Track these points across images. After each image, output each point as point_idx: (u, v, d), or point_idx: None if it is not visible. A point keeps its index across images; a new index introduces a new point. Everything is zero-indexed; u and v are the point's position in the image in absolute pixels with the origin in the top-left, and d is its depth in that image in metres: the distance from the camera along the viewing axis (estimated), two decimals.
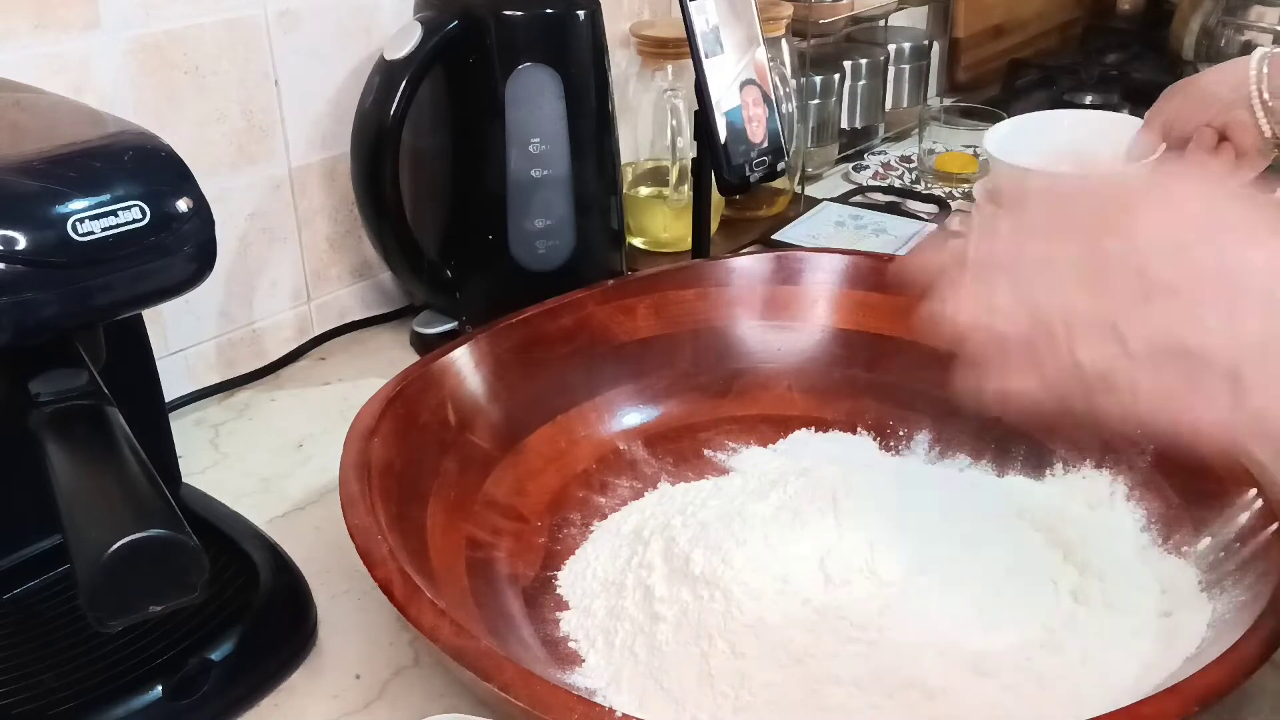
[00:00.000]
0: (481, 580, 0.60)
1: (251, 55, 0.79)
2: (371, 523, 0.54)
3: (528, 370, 0.70)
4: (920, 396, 0.73)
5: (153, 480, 0.46)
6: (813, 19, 1.11)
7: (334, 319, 0.91)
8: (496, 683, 0.46)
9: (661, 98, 1.00)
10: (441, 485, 0.63)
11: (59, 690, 0.53)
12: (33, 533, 0.61)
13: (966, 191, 1.12)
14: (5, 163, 0.48)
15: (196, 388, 0.82)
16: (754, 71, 0.81)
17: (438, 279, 0.85)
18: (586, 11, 0.81)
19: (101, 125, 0.55)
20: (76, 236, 0.47)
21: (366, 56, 0.85)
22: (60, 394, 0.48)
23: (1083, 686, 0.52)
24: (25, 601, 0.60)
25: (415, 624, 0.49)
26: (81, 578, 0.42)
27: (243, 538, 0.63)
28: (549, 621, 0.60)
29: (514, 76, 0.79)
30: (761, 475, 0.67)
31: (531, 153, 0.80)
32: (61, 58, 0.70)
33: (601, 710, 0.45)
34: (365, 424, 0.61)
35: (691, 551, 0.58)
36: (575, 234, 0.83)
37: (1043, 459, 0.68)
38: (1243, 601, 0.53)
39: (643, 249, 1.02)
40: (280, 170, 0.83)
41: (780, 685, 0.52)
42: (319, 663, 0.59)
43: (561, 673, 0.56)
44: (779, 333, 0.77)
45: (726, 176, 0.81)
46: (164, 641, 0.56)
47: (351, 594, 0.63)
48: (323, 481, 0.72)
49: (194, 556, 0.44)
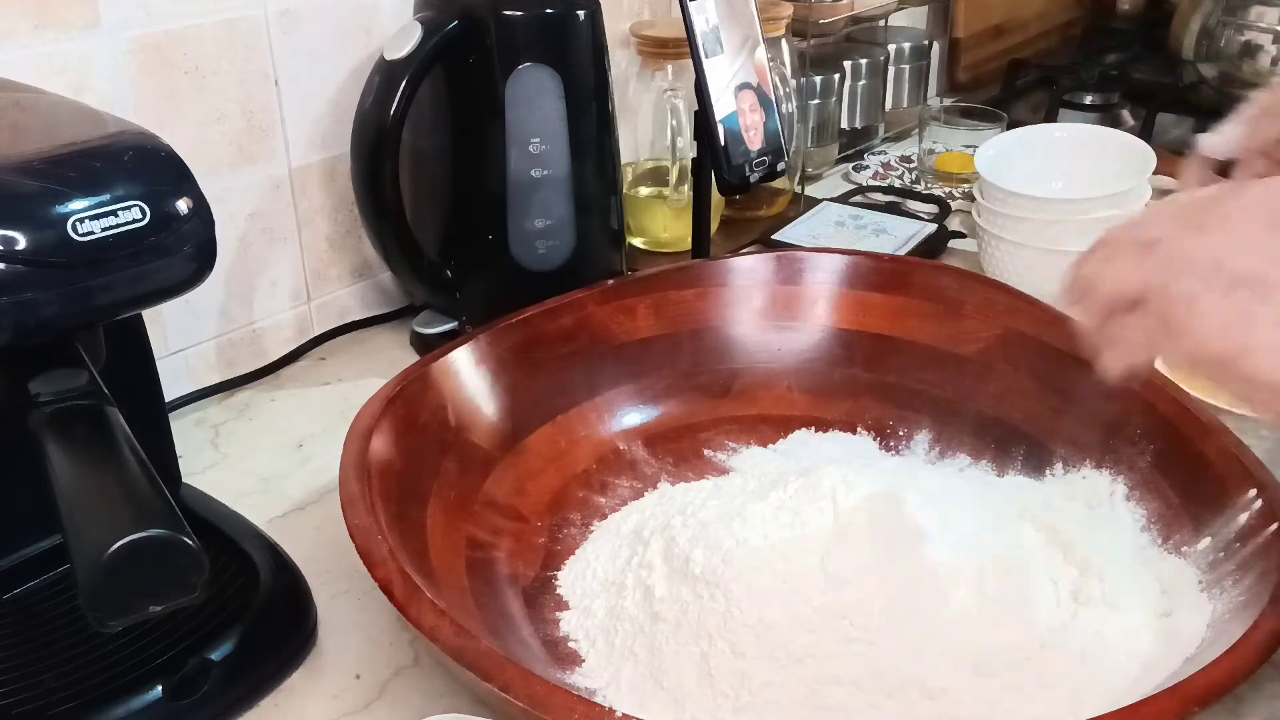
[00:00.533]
0: (481, 580, 0.60)
1: (251, 55, 0.79)
2: (371, 523, 0.54)
3: (528, 370, 0.70)
4: (920, 396, 0.73)
5: (153, 480, 0.46)
6: (813, 19, 1.11)
7: (334, 319, 0.91)
8: (496, 683, 0.46)
9: (661, 98, 1.00)
10: (441, 485, 0.63)
11: (59, 690, 0.53)
12: (33, 533, 0.61)
13: (966, 191, 1.12)
14: (5, 163, 0.48)
15: (196, 388, 0.82)
16: (754, 72, 0.81)
17: (438, 279, 0.85)
18: (586, 11, 0.81)
19: (101, 125, 0.55)
20: (76, 236, 0.47)
21: (366, 56, 0.85)
22: (60, 394, 0.48)
23: (1083, 686, 0.52)
24: (25, 601, 0.60)
25: (415, 624, 0.49)
26: (81, 578, 0.42)
27: (243, 538, 0.63)
28: (549, 621, 0.60)
29: (514, 76, 0.79)
30: (761, 475, 0.67)
31: (531, 153, 0.80)
32: (61, 58, 0.70)
33: (601, 710, 0.45)
34: (365, 424, 0.61)
35: (691, 551, 0.58)
36: (575, 234, 0.83)
37: (1043, 459, 0.68)
38: (1242, 601, 0.53)
39: (643, 249, 1.02)
40: (280, 170, 0.83)
41: (780, 685, 0.52)
42: (319, 663, 0.59)
43: (561, 673, 0.56)
44: (779, 333, 0.77)
45: (726, 177, 0.81)
46: (164, 641, 0.56)
47: (351, 594, 0.63)
48: (323, 481, 0.72)
49: (194, 556, 0.44)
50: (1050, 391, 0.69)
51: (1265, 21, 1.23)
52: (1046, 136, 1.02)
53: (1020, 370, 0.71)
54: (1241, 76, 1.25)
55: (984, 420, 0.71)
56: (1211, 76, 1.28)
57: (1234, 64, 1.25)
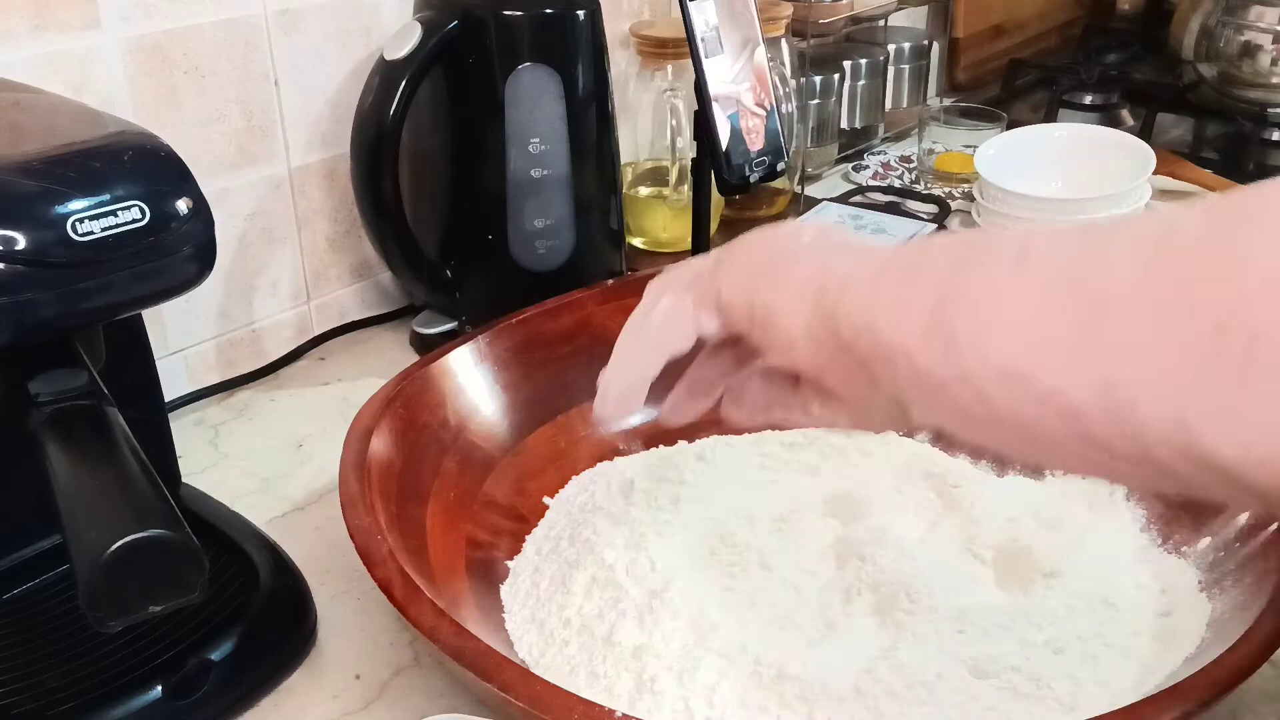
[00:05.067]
0: (481, 580, 0.60)
1: (251, 55, 0.79)
2: (371, 523, 0.54)
3: (528, 370, 0.70)
4: None
5: (153, 480, 0.46)
6: (813, 19, 1.11)
7: (334, 319, 0.91)
8: (496, 683, 0.46)
9: (661, 98, 1.00)
10: (441, 485, 0.63)
11: (59, 690, 0.53)
12: (33, 533, 0.61)
13: (966, 191, 1.12)
14: (5, 163, 0.48)
15: (196, 388, 0.82)
16: (754, 72, 0.81)
17: (438, 279, 0.85)
18: (586, 11, 0.81)
19: (101, 125, 0.55)
20: (76, 236, 0.47)
21: (366, 56, 0.85)
22: (60, 394, 0.48)
23: (1082, 686, 0.52)
24: (25, 601, 0.60)
25: (415, 624, 0.49)
26: (81, 578, 0.42)
27: (242, 538, 0.63)
28: None
29: (514, 76, 0.79)
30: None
31: (531, 153, 0.80)
32: (61, 58, 0.70)
33: (601, 710, 0.45)
34: (365, 424, 0.61)
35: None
36: (575, 234, 0.83)
37: None
38: (1242, 601, 0.53)
39: (643, 249, 1.02)
40: (280, 170, 0.83)
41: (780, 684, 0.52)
42: (319, 663, 0.59)
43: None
44: None
45: (726, 177, 0.81)
46: (164, 641, 0.56)
47: (351, 594, 0.63)
48: (323, 481, 0.72)
49: (194, 557, 0.44)
50: None
51: (1265, 21, 1.23)
52: (1046, 136, 1.02)
53: None
54: (1241, 76, 1.25)
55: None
56: (1211, 76, 1.28)
57: (1234, 64, 1.25)
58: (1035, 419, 0.36)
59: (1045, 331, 0.35)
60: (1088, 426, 0.34)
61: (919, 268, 0.41)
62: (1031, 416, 0.36)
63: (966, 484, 0.65)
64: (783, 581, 0.57)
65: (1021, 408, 0.36)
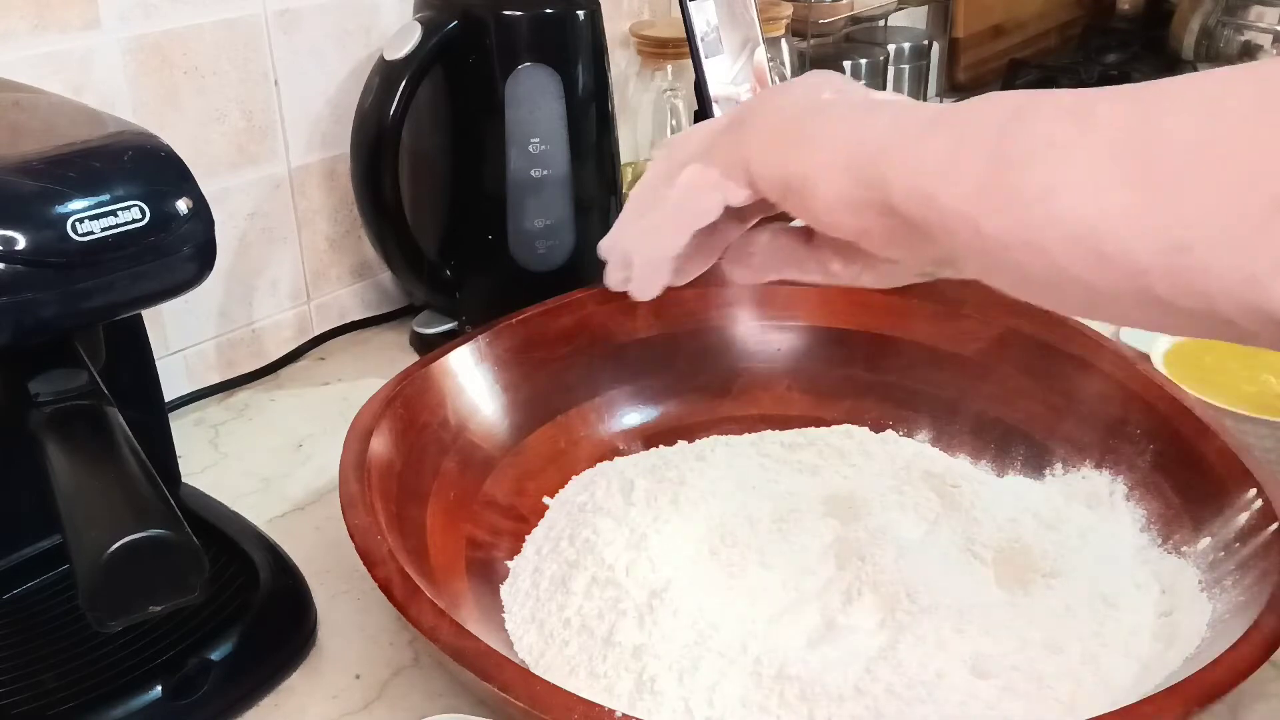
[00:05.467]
0: (481, 580, 0.60)
1: (251, 55, 0.79)
2: (371, 523, 0.54)
3: (528, 370, 0.70)
4: (920, 396, 0.73)
5: (152, 480, 0.46)
6: (813, 19, 1.11)
7: (334, 319, 0.91)
8: (496, 683, 0.46)
9: (661, 98, 1.00)
10: (441, 485, 0.63)
11: (59, 690, 0.53)
12: (33, 533, 0.61)
13: None
14: (5, 163, 0.48)
15: (196, 388, 0.82)
16: (754, 72, 0.81)
17: (438, 279, 0.85)
18: (586, 11, 0.81)
19: (101, 125, 0.55)
20: (76, 236, 0.46)
21: (366, 56, 0.85)
22: (60, 394, 0.48)
23: (1082, 686, 0.52)
24: (25, 601, 0.60)
25: (415, 624, 0.49)
26: (81, 578, 0.42)
27: (242, 538, 0.63)
28: None
29: (514, 76, 0.79)
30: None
31: (531, 153, 0.80)
32: (61, 58, 0.70)
33: (601, 710, 0.45)
34: (365, 424, 0.61)
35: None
36: (575, 234, 0.83)
37: (1043, 459, 0.68)
38: (1242, 601, 0.53)
39: None
40: (280, 170, 0.83)
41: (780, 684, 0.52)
42: (318, 663, 0.59)
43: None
44: (779, 333, 0.77)
45: None
46: (164, 641, 0.55)
47: (351, 594, 0.63)
48: (323, 481, 0.72)
49: (194, 556, 0.44)
50: (1050, 391, 0.69)
51: (1265, 21, 1.24)
52: None
53: (1020, 370, 0.71)
54: None
55: (984, 420, 0.71)
56: None
57: (1234, 64, 1.25)
58: (1099, 279, 0.35)
59: (1114, 194, 0.35)
60: (1152, 284, 0.34)
61: (970, 128, 0.40)
62: (1096, 277, 0.35)
63: (966, 484, 0.65)
64: (783, 581, 0.58)
65: (1087, 270, 0.35)
